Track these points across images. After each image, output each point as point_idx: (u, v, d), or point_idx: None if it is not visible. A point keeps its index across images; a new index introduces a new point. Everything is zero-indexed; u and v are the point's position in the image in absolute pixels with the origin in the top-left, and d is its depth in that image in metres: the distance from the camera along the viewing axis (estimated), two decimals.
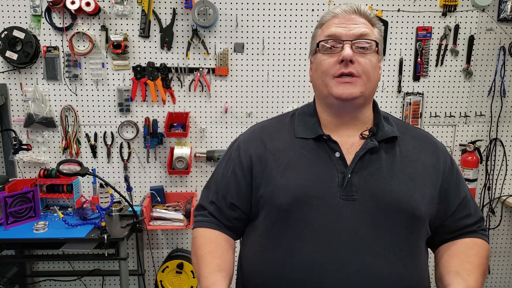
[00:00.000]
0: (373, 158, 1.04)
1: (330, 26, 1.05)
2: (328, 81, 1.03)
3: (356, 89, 1.01)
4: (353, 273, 0.97)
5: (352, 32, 1.02)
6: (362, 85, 1.02)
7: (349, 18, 1.04)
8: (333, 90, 1.02)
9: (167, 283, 2.56)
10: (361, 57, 1.01)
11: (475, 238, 1.11)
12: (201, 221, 1.16)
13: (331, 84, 1.03)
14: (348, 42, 1.01)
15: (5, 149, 2.54)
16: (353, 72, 1.01)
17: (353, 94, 1.01)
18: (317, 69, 1.07)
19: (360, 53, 1.02)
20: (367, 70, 1.02)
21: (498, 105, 2.67)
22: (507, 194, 2.79)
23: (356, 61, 1.01)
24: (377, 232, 0.99)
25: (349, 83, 1.01)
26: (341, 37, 1.02)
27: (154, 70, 2.48)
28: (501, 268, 2.92)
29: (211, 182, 1.19)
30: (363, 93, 1.03)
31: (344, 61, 1.00)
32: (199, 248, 1.10)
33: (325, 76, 1.04)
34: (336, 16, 1.06)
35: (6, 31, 2.34)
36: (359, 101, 1.04)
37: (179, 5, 2.44)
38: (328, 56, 1.04)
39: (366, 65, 1.02)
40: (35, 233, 2.17)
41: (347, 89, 1.01)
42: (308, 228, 1.00)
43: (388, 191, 1.01)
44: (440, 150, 1.12)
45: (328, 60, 1.03)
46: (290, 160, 1.06)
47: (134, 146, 2.60)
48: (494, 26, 2.57)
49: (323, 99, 1.09)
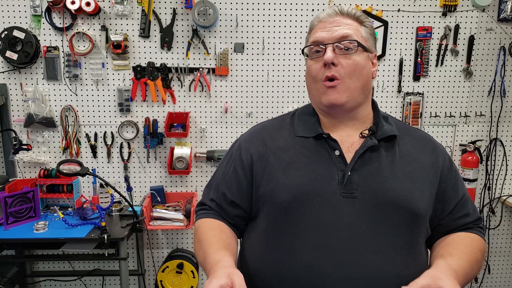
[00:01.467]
0: (373, 156, 1.05)
1: (316, 31, 1.07)
2: (319, 87, 1.06)
3: (341, 95, 1.03)
4: (353, 270, 0.97)
5: (333, 35, 1.04)
6: (346, 89, 1.03)
7: (332, 21, 1.06)
8: (322, 97, 1.05)
9: (167, 283, 2.56)
10: (344, 59, 1.03)
11: (469, 232, 1.12)
12: (204, 213, 1.16)
13: (321, 91, 1.05)
14: (330, 45, 1.03)
15: (5, 149, 2.54)
16: (335, 75, 1.02)
17: (339, 100, 1.03)
18: (307, 75, 1.10)
19: (344, 54, 1.03)
20: (351, 71, 1.03)
21: (498, 105, 2.67)
22: (507, 194, 2.79)
23: (339, 64, 1.02)
24: (377, 230, 1.00)
25: (334, 88, 1.03)
26: (323, 41, 1.04)
27: (154, 70, 2.48)
28: (501, 268, 2.92)
29: (213, 181, 1.20)
30: (350, 96, 1.04)
31: (326, 64, 1.02)
32: (203, 233, 1.09)
33: (315, 82, 1.07)
34: (321, 21, 1.08)
35: (6, 31, 2.34)
36: (348, 105, 1.05)
37: (179, 5, 2.44)
38: (314, 62, 1.06)
39: (349, 66, 1.03)
40: (35, 233, 2.18)
41: (332, 95, 1.03)
42: (309, 225, 1.00)
43: (388, 189, 1.02)
44: (439, 149, 1.13)
45: (314, 66, 1.06)
46: (290, 158, 1.07)
47: (134, 146, 2.60)
48: (494, 26, 2.57)
49: (315, 104, 1.12)
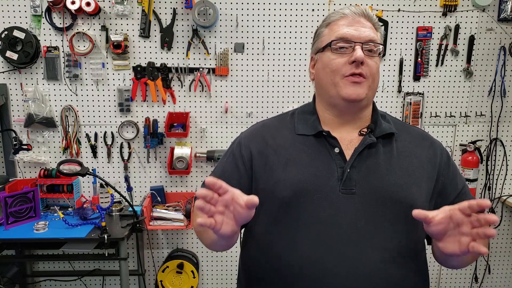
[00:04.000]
0: (371, 153, 1.07)
1: (339, 26, 1.07)
2: (338, 80, 1.06)
3: (363, 90, 1.05)
4: (353, 264, 0.98)
5: (362, 35, 1.05)
6: (367, 87, 1.05)
7: (358, 21, 1.07)
8: (342, 91, 1.05)
9: (168, 283, 2.57)
10: (369, 60, 1.05)
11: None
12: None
13: (341, 84, 1.05)
14: (359, 44, 1.04)
15: (5, 149, 2.54)
16: (363, 73, 1.04)
17: (360, 96, 1.05)
18: (325, 68, 1.08)
19: (368, 55, 1.05)
20: (374, 72, 1.06)
21: (498, 105, 2.67)
22: (507, 194, 2.79)
23: (366, 63, 1.04)
24: (376, 225, 1.01)
25: (358, 84, 1.04)
26: (352, 39, 1.05)
27: (154, 70, 2.48)
28: (501, 268, 2.92)
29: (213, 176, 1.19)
30: (368, 95, 1.06)
31: (355, 62, 1.03)
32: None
33: (335, 76, 1.06)
34: (344, 17, 1.08)
35: (6, 31, 2.34)
36: (363, 102, 1.07)
37: (179, 5, 2.44)
38: (337, 56, 1.06)
39: (373, 67, 1.06)
40: (36, 233, 2.18)
41: (355, 89, 1.04)
42: (309, 221, 1.02)
43: (386, 184, 1.03)
44: (436, 145, 1.15)
45: (338, 60, 1.06)
46: (290, 155, 1.08)
47: (134, 146, 2.60)
48: (494, 26, 2.57)
49: (327, 98, 1.11)
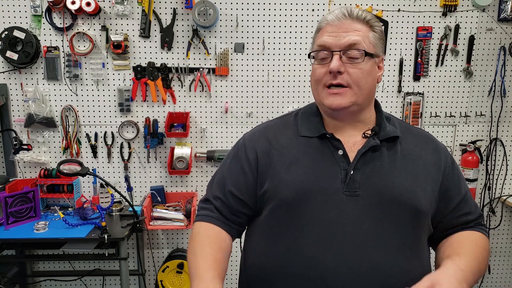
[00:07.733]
0: (375, 155, 1.06)
1: (322, 34, 1.06)
2: (320, 90, 1.06)
3: (346, 100, 1.03)
4: (356, 267, 0.98)
5: (341, 42, 1.02)
6: (352, 95, 1.03)
7: (340, 26, 1.03)
8: (325, 101, 1.05)
9: (168, 283, 2.56)
10: (351, 67, 1.02)
11: (473, 231, 1.13)
12: (206, 215, 1.13)
13: (323, 94, 1.06)
14: (337, 53, 1.02)
15: (5, 149, 2.55)
16: (341, 83, 1.02)
17: (342, 105, 1.03)
18: (311, 76, 1.10)
19: (351, 62, 1.02)
20: (357, 79, 1.02)
21: (498, 105, 2.67)
22: (507, 194, 2.79)
23: (346, 71, 1.02)
24: (380, 227, 1.01)
25: (338, 94, 1.03)
26: (330, 48, 1.03)
27: (154, 70, 2.49)
28: (501, 268, 2.92)
29: (217, 177, 1.18)
30: (355, 102, 1.04)
31: (332, 72, 1.01)
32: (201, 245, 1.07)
33: (318, 85, 1.07)
34: (328, 23, 1.05)
35: (6, 31, 2.34)
36: (351, 109, 1.05)
37: (179, 5, 2.44)
38: (319, 66, 1.06)
39: (355, 74, 1.02)
40: (36, 233, 2.18)
41: (335, 100, 1.03)
42: (312, 221, 1.01)
43: (390, 186, 1.03)
44: (440, 148, 1.14)
45: (319, 70, 1.05)
46: (294, 156, 1.08)
47: (134, 146, 2.60)
48: (494, 26, 2.57)
49: (318, 105, 1.12)
